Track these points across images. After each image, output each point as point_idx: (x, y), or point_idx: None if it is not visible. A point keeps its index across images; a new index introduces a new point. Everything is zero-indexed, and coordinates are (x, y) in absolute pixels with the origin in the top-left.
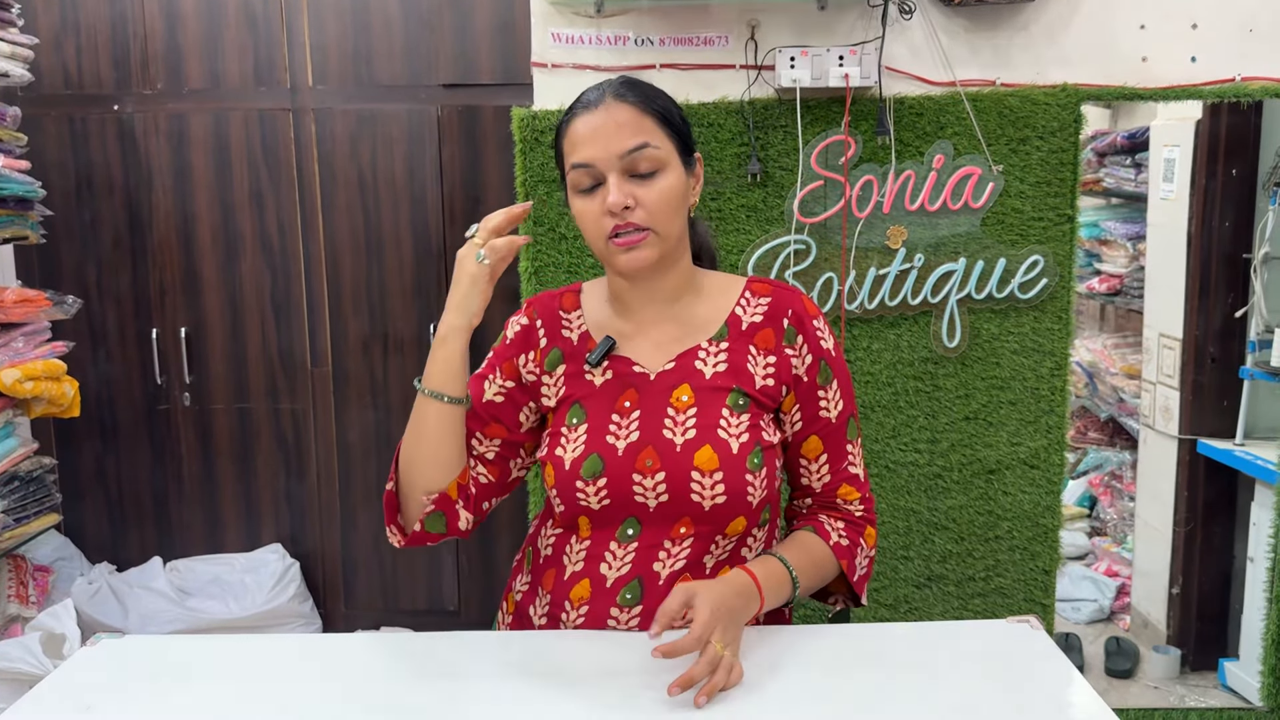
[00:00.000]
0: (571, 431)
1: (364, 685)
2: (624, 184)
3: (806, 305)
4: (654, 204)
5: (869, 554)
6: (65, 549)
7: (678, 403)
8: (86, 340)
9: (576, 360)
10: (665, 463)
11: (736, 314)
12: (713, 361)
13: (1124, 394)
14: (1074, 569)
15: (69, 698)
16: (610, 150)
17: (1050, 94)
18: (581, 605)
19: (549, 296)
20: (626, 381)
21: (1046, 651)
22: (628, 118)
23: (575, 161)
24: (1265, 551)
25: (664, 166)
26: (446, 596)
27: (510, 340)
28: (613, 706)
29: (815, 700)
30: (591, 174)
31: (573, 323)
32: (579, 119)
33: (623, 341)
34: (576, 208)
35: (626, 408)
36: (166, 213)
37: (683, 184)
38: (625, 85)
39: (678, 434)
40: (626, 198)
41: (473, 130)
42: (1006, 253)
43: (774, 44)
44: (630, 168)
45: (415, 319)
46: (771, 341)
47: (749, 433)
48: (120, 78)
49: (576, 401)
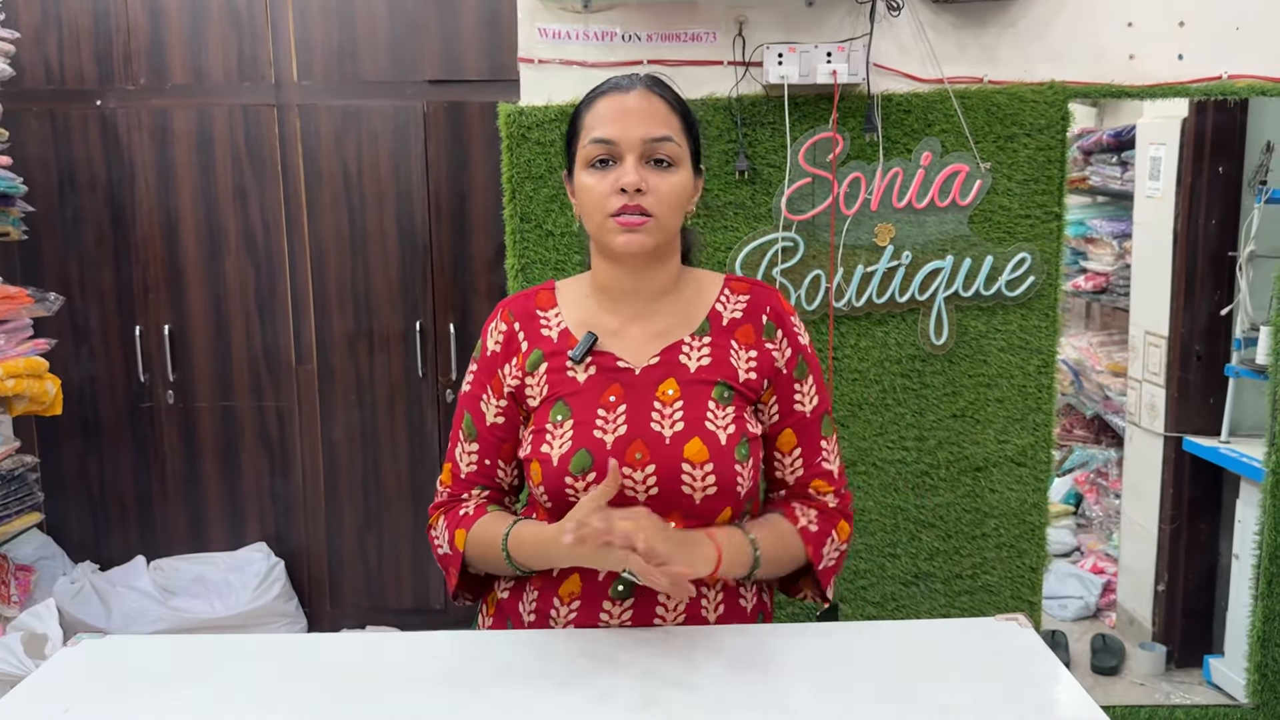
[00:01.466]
0: (557, 428)
1: (348, 686)
2: (640, 168)
3: (783, 303)
4: (664, 194)
5: (840, 547)
6: (48, 548)
7: (664, 396)
8: (69, 337)
9: (558, 357)
10: (655, 455)
11: (717, 310)
12: (696, 356)
13: (1110, 392)
14: (1060, 566)
15: (48, 699)
16: (635, 133)
17: (1038, 91)
18: (573, 600)
19: (522, 297)
20: (611, 377)
21: (1035, 649)
22: (658, 109)
23: (596, 136)
24: (1251, 548)
25: (679, 163)
26: (433, 595)
27: (492, 353)
28: (607, 705)
29: (803, 699)
30: (610, 150)
31: (551, 321)
32: (607, 97)
33: (605, 337)
34: (583, 182)
35: (612, 402)
36: (150, 209)
37: (690, 186)
38: (658, 81)
39: (666, 426)
40: (641, 180)
41: (459, 127)
42: (994, 250)
43: (762, 40)
44: (649, 154)
45: (401, 316)
46: (752, 337)
47: (735, 424)
48: (103, 73)
49: (560, 399)
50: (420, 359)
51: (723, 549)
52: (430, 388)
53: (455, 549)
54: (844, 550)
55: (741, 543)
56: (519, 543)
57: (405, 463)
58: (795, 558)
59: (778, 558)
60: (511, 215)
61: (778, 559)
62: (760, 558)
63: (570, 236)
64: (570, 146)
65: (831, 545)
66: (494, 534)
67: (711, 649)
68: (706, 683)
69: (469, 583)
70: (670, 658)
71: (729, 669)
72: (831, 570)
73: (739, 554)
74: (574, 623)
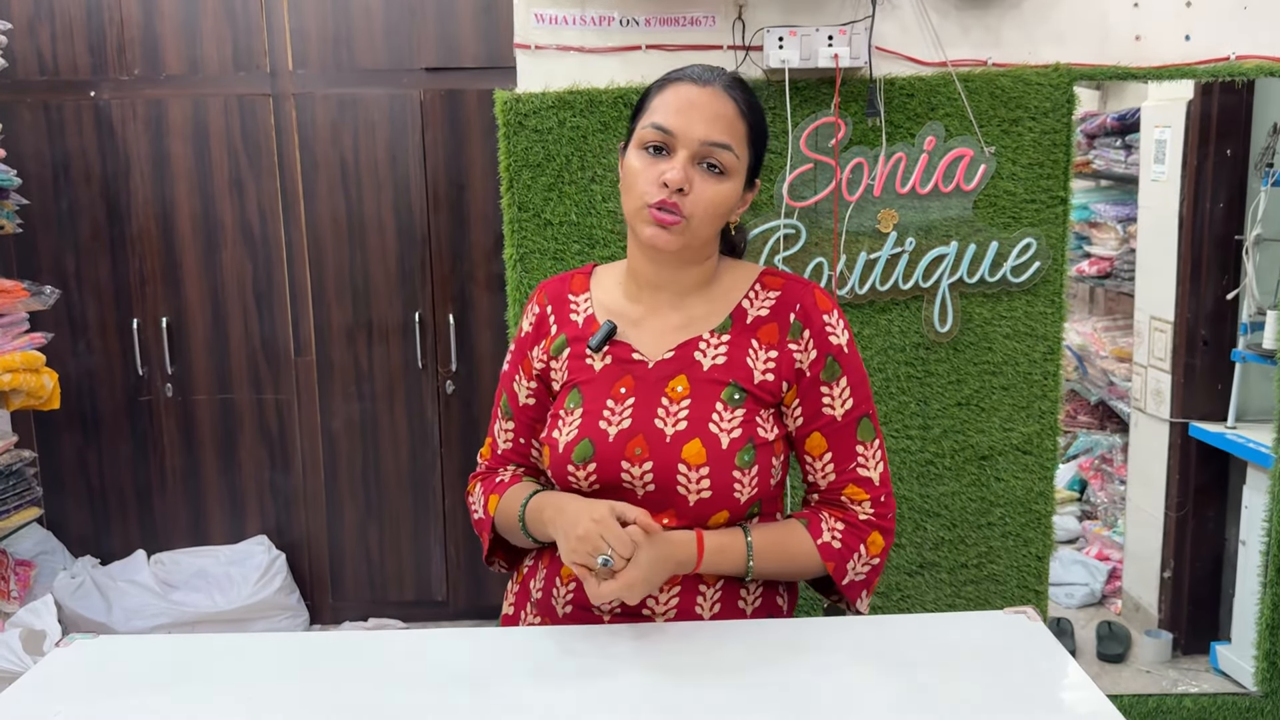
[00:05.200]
0: (568, 415)
1: (343, 684)
2: (689, 167)
3: (818, 299)
4: (704, 202)
5: (870, 561)
6: (47, 543)
7: (672, 393)
8: (66, 331)
9: (580, 344)
10: (654, 452)
11: (743, 306)
12: (712, 354)
13: (1114, 377)
14: (1065, 553)
15: (39, 701)
16: (695, 131)
17: (1043, 74)
18: (570, 581)
19: (560, 281)
20: (625, 368)
21: (1044, 643)
22: (727, 112)
23: (657, 122)
24: (1258, 535)
25: (731, 174)
26: (435, 587)
27: (525, 334)
28: (607, 702)
29: (810, 692)
30: (666, 140)
31: (579, 306)
32: (681, 85)
33: (627, 327)
34: (631, 163)
35: (622, 394)
36: (145, 201)
37: (735, 198)
38: (737, 83)
39: (669, 424)
40: (685, 180)
41: (456, 114)
42: (998, 236)
43: (762, 24)
44: (703, 156)
45: (399, 306)
46: (775, 336)
47: (742, 428)
48: (96, 63)
49: (576, 386)
50: (420, 350)
51: (705, 551)
52: (430, 379)
53: (487, 513)
54: (877, 564)
55: (736, 548)
56: (535, 511)
57: (405, 454)
58: (802, 569)
59: (778, 565)
60: (509, 204)
61: (778, 567)
62: (753, 567)
63: (569, 226)
64: (632, 122)
65: (859, 560)
66: (517, 499)
67: (714, 644)
68: (708, 678)
69: (505, 549)
70: (672, 654)
71: (731, 663)
72: (861, 584)
73: (726, 561)
74: (572, 602)
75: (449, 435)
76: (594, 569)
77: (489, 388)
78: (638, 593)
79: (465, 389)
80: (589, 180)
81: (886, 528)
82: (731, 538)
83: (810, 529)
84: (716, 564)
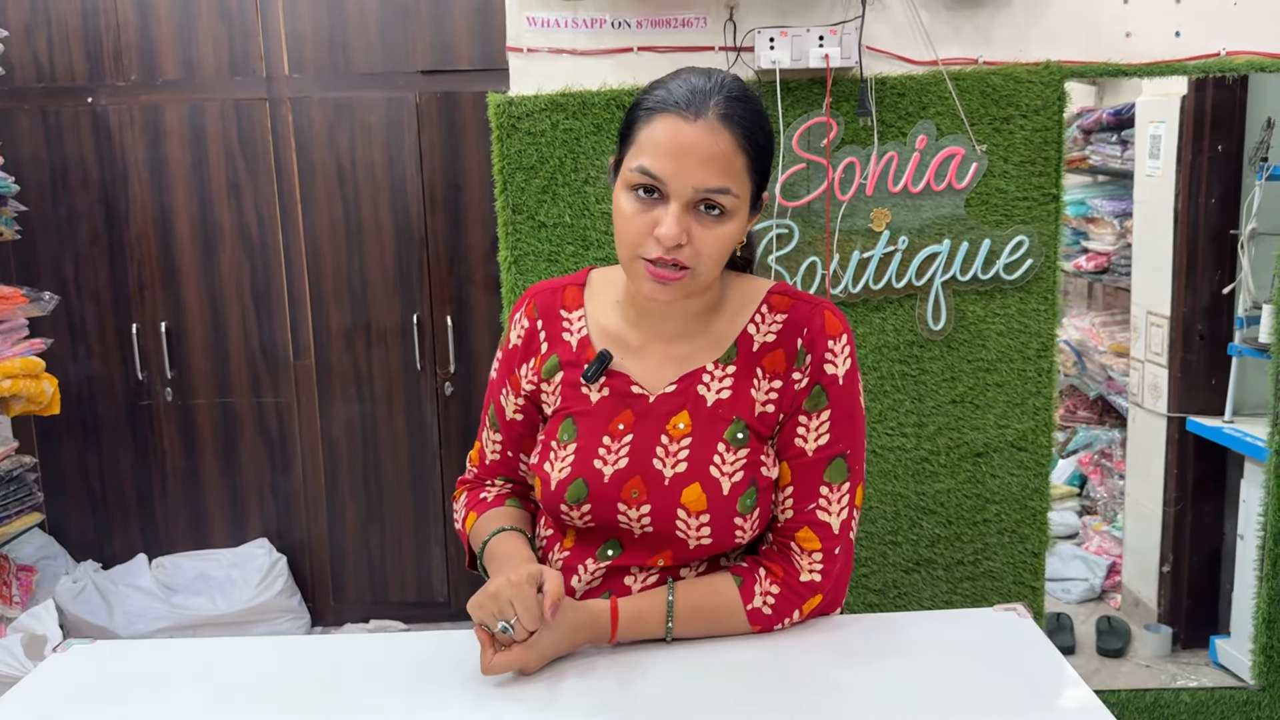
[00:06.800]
0: (561, 449)
1: (346, 687)
2: (684, 216)
3: (827, 323)
4: (707, 249)
5: (801, 619)
6: (49, 548)
7: (674, 430)
8: (65, 337)
9: (574, 369)
10: (651, 495)
11: (748, 332)
12: (716, 387)
13: (1112, 372)
14: (1064, 548)
15: (35, 708)
16: (689, 180)
17: (1033, 72)
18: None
19: (550, 292)
20: (623, 402)
21: (1033, 639)
22: (723, 150)
23: (644, 167)
24: (1255, 529)
25: (732, 214)
26: (436, 588)
27: (513, 347)
28: (603, 701)
29: (801, 690)
30: (657, 185)
31: (573, 325)
32: (669, 120)
33: (624, 354)
34: (622, 205)
35: (620, 430)
36: (143, 206)
37: (741, 231)
38: (733, 106)
39: (668, 466)
40: (681, 234)
41: (452, 117)
42: (991, 233)
43: (753, 25)
44: (700, 200)
45: (398, 309)
46: (781, 365)
47: (744, 471)
48: (93, 69)
49: (570, 416)
50: (418, 352)
51: (620, 622)
52: (429, 381)
53: (465, 528)
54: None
55: (655, 615)
56: (490, 556)
57: (405, 456)
58: (731, 629)
59: (701, 627)
60: (503, 207)
61: (701, 627)
62: (672, 629)
63: (563, 228)
64: (620, 143)
65: (788, 621)
66: (484, 531)
67: (705, 642)
68: (700, 676)
69: None
70: (666, 652)
71: (723, 662)
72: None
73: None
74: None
75: (448, 436)
76: (494, 632)
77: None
78: (531, 668)
79: (464, 390)
80: (582, 182)
81: (832, 587)
82: (651, 601)
83: (743, 589)
84: (634, 631)
